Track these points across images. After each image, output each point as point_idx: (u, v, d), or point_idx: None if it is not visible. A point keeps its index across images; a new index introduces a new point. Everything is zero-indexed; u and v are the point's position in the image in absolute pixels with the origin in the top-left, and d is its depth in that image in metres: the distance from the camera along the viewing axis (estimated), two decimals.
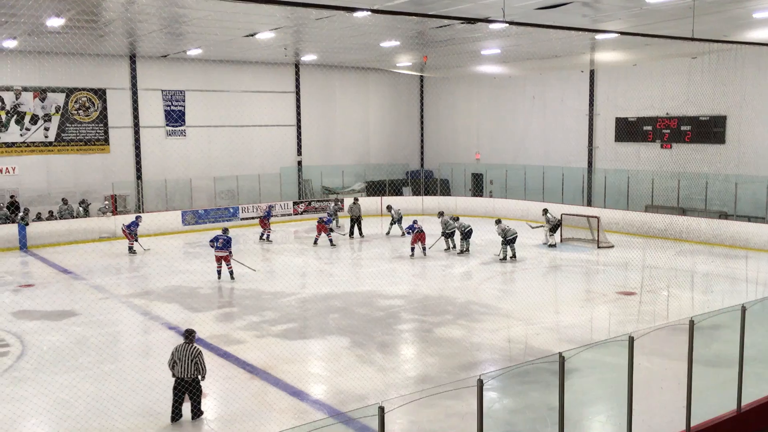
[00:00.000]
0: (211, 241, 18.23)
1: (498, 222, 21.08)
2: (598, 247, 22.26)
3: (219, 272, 18.22)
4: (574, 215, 23.96)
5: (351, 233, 25.25)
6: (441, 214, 23.16)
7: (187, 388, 9.49)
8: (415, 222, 21.66)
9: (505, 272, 19.23)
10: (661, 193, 25.36)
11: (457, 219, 22.28)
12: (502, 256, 20.31)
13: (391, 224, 25.21)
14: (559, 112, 30.04)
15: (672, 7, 16.40)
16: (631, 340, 7.36)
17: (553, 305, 15.87)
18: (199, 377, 9.53)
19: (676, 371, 8.53)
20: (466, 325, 13.93)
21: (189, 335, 9.77)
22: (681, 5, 16.00)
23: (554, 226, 22.60)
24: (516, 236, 20.39)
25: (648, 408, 8.58)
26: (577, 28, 15.32)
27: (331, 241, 23.23)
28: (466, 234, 21.55)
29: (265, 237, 24.48)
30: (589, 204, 27.87)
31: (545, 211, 22.91)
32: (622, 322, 13.88)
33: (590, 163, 28.87)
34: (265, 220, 24.70)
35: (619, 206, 26.14)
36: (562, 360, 6.68)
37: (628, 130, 27.20)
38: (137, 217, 23.00)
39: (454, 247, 22.08)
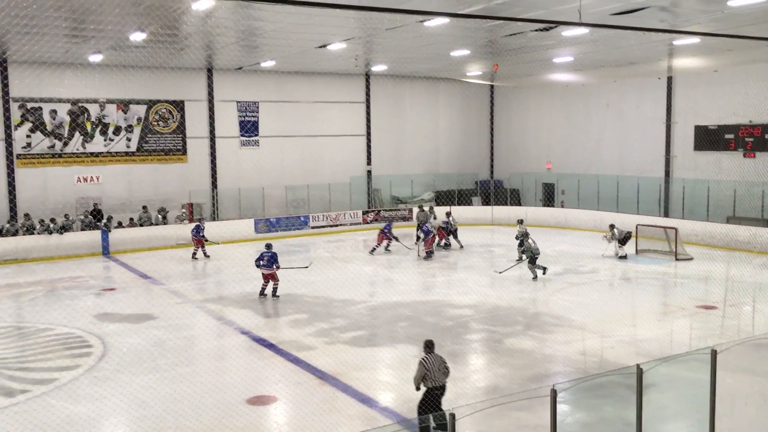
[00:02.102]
0: (257, 260, 17.23)
1: (520, 222, 22.48)
2: (676, 259, 21.46)
3: (263, 290, 17.23)
4: (650, 226, 23.20)
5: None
6: (521, 222, 23.22)
7: (441, 393, 9.21)
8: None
9: (578, 284, 18.78)
10: (744, 203, 24.27)
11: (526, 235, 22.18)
12: (533, 276, 19.30)
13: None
14: (635, 120, 29.23)
15: (756, 9, 15.76)
16: (714, 353, 7.05)
17: (629, 318, 15.38)
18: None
19: (762, 388, 8.13)
20: (537, 336, 13.67)
21: (429, 346, 9.42)
22: (766, 7, 15.35)
23: (622, 239, 21.88)
24: (538, 255, 19.36)
25: (731, 426, 8.19)
26: (656, 29, 14.86)
27: (386, 247, 23.59)
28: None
29: (382, 248, 24.01)
30: (667, 215, 26.94)
31: (612, 226, 22.25)
32: (702, 337, 13.32)
33: (667, 173, 27.94)
34: (385, 234, 24.06)
35: (698, 217, 25.15)
36: (640, 372, 6.46)
37: (708, 139, 26.19)
38: (200, 220, 24.17)
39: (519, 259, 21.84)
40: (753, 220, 23.70)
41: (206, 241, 23.38)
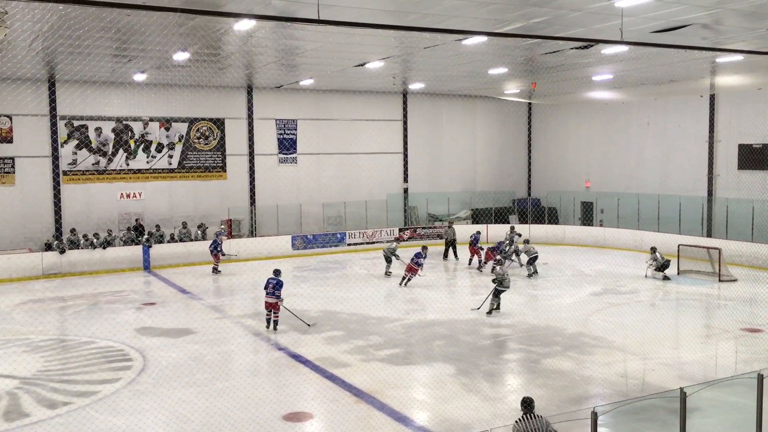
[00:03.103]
0: (265, 287, 15.85)
1: (512, 229, 23.13)
2: (720, 281, 20.96)
3: (268, 321, 15.82)
4: (693, 246, 22.73)
5: (445, 256, 26.10)
6: (519, 236, 24.22)
7: None
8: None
9: (618, 304, 18.45)
10: None
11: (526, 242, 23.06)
12: (527, 274, 21.17)
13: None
14: (676, 139, 28.77)
15: None
16: (760, 378, 6.86)
17: (671, 340, 15.05)
18: None
19: None
20: (575, 357, 13.46)
21: (527, 405, 7.73)
22: None
23: (661, 266, 21.42)
24: (537, 255, 21.73)
25: None
26: (699, 47, 14.65)
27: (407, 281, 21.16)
28: (532, 258, 22.14)
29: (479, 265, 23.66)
30: (710, 235, 26.37)
31: (653, 249, 21.82)
32: (747, 361, 12.95)
33: (710, 192, 27.38)
34: (477, 249, 24.01)
35: (743, 238, 24.55)
36: (683, 396, 6.32)
37: (753, 157, 25.61)
38: (218, 235, 24.10)
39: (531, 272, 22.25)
40: None
41: (223, 255, 23.59)
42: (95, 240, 24.31)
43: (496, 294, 17.04)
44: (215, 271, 23.50)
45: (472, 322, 16.44)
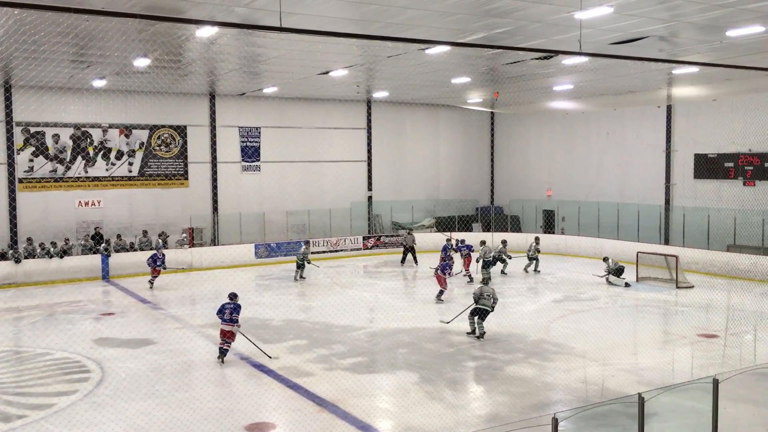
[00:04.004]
0: (218, 312, 13.98)
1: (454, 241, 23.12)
2: (677, 287, 21.41)
3: (222, 350, 13.82)
4: (651, 254, 23.19)
5: (403, 261, 26.69)
6: (504, 242, 24.14)
7: None
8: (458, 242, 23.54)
9: (578, 311, 18.71)
10: (745, 231, 24.27)
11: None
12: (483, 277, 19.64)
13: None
14: (635, 148, 29.37)
15: (754, 40, 15.93)
16: (716, 383, 7.01)
17: (630, 346, 15.31)
18: None
19: (764, 419, 8.06)
20: (537, 364, 13.59)
21: None
22: (763, 38, 15.53)
23: (615, 271, 21.89)
24: (490, 260, 21.87)
25: None
26: (656, 59, 15.05)
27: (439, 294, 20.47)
28: (487, 263, 22.35)
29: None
30: (667, 242, 26.94)
31: (605, 259, 22.32)
32: (704, 366, 13.24)
33: (668, 201, 28.00)
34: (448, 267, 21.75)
35: (699, 245, 25.15)
36: (641, 401, 6.42)
37: (708, 167, 26.29)
38: (158, 249, 22.90)
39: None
40: (753, 248, 23.69)
41: (164, 270, 22.45)
42: (52, 249, 23.76)
43: (473, 313, 15.66)
44: (151, 284, 22.29)
45: (436, 329, 16.50)
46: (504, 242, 24.35)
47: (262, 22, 13.66)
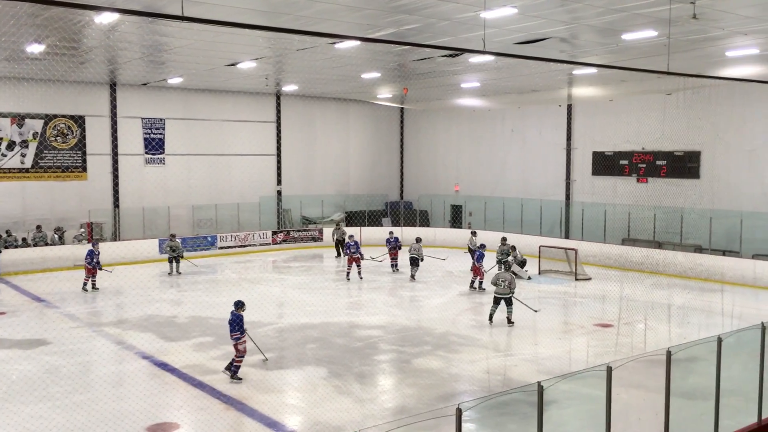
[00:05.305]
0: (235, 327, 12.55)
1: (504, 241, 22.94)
2: (576, 279, 22.35)
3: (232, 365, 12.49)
4: (552, 247, 24.10)
5: (338, 255, 26.84)
6: (474, 233, 24.60)
7: None
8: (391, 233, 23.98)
9: (483, 303, 19.19)
10: (638, 226, 25.64)
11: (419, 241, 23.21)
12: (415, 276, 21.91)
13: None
14: (538, 146, 30.40)
15: (647, 44, 16.79)
16: (609, 370, 7.35)
17: (532, 337, 15.85)
18: None
19: (654, 403, 8.53)
20: (444, 356, 13.85)
21: None
22: (657, 42, 16.39)
23: (520, 263, 22.66)
24: (416, 258, 22.23)
25: None
26: (556, 60, 15.63)
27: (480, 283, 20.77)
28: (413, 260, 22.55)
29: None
30: (567, 236, 28.07)
31: (513, 248, 22.86)
32: (599, 354, 13.89)
33: (568, 196, 29.16)
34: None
35: (596, 239, 26.36)
36: (540, 389, 6.65)
37: (605, 164, 27.56)
38: (94, 245, 21.33)
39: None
40: (645, 241, 25.05)
41: (100, 269, 20.83)
42: None
43: (496, 301, 16.25)
44: (93, 287, 20.51)
45: (345, 324, 16.53)
46: (504, 239, 23.70)
47: (165, 10, 13.21)
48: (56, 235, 25.30)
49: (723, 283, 21.76)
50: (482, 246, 21.74)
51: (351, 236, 23.68)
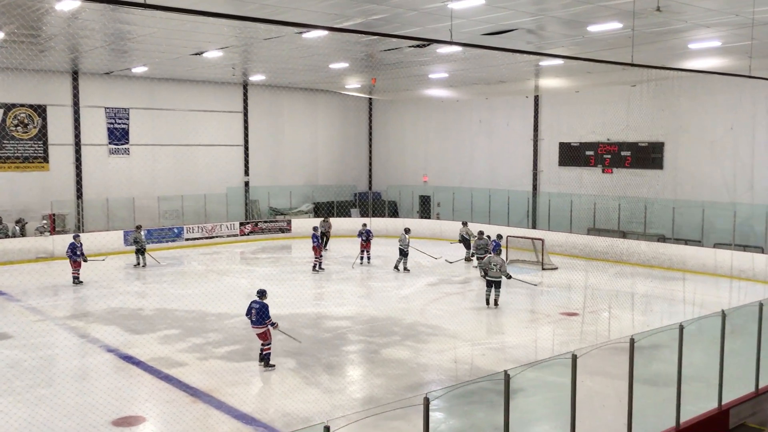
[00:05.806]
0: (247, 313, 12.73)
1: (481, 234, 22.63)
2: (543, 269, 22.61)
3: (261, 356, 12.64)
4: (519, 237, 24.33)
5: (325, 247, 26.57)
6: (465, 223, 24.90)
7: None
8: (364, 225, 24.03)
9: (452, 293, 19.33)
10: (603, 216, 26.00)
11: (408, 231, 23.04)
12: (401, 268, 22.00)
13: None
14: (505, 136, 30.60)
15: (612, 36, 16.98)
16: (574, 358, 7.45)
17: (498, 326, 16.01)
18: None
19: (618, 390, 8.68)
20: (412, 346, 13.92)
21: None
22: (621, 35, 16.59)
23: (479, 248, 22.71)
24: (404, 249, 22.12)
25: (590, 427, 8.69)
26: (523, 51, 15.72)
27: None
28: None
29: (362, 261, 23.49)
30: (534, 226, 28.35)
31: (481, 233, 22.92)
32: (565, 342, 14.08)
33: (535, 187, 29.44)
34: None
35: (562, 229, 26.68)
36: (507, 378, 6.72)
37: (571, 155, 27.87)
38: (75, 237, 20.79)
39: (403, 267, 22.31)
40: (610, 231, 25.43)
41: (85, 260, 20.33)
42: None
43: (489, 284, 17.23)
44: (76, 281, 20.09)
45: (314, 315, 16.50)
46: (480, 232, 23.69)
47: None
48: (17, 227, 24.75)
49: (685, 272, 22.21)
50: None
51: (364, 225, 24.38)
